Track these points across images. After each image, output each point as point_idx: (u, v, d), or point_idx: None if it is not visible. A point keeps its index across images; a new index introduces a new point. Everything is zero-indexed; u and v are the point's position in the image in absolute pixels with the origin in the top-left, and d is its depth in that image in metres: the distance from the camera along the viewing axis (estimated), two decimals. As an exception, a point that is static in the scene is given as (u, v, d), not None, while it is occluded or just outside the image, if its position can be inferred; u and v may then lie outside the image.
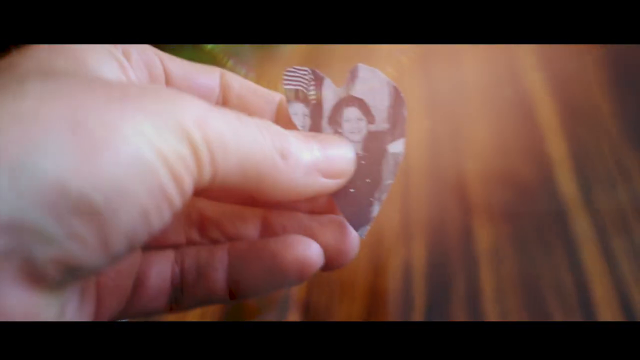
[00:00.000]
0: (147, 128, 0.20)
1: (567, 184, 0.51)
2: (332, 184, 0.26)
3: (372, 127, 0.28)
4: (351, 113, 0.28)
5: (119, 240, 0.20)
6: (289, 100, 0.28)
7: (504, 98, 0.59)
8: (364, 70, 0.28)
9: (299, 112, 0.28)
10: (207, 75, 0.28)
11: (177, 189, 0.21)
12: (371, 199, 0.28)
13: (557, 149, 0.55)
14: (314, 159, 0.25)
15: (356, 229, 0.28)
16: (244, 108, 0.28)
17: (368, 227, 0.28)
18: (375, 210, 0.28)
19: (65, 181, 0.19)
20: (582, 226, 0.47)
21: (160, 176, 0.21)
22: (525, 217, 0.49)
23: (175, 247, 0.29)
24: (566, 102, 0.59)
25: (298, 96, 0.28)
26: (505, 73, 0.62)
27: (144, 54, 0.26)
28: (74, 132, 0.19)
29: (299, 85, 0.28)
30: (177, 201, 0.21)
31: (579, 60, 0.62)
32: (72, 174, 0.19)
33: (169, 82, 0.27)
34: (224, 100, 0.28)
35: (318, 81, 0.28)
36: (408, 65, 0.61)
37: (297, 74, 0.28)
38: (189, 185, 0.22)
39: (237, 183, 0.23)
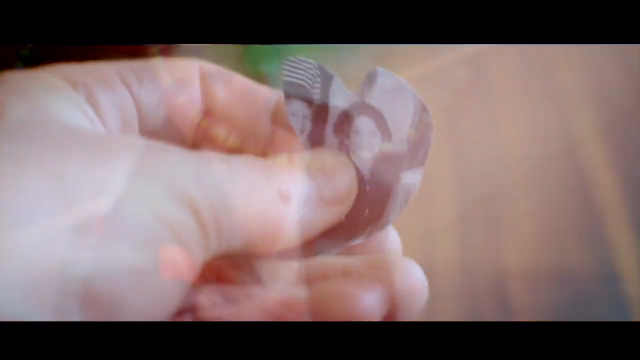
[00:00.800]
0: (141, 190, 0.20)
1: (635, 283, 0.48)
2: (337, 212, 0.25)
3: (387, 146, 0.26)
4: (363, 124, 0.26)
5: None
6: (287, 96, 0.26)
7: (552, 169, 0.56)
8: (385, 76, 0.26)
9: (298, 112, 0.26)
10: (185, 91, 0.26)
11: (188, 262, 0.20)
12: (358, 236, 0.26)
13: (622, 234, 0.51)
14: (315, 190, 0.24)
15: None
16: (231, 117, 0.27)
17: None
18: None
19: (54, 261, 0.18)
20: (655, 336, 0.42)
21: (169, 248, 0.20)
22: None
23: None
24: (632, 174, 0.56)
25: (299, 92, 0.26)
26: (553, 136, 0.60)
27: (113, 93, 0.25)
28: (59, 200, 0.18)
29: (302, 80, 0.26)
30: (189, 276, 0.21)
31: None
32: (63, 253, 0.18)
33: (143, 119, 0.26)
34: (207, 112, 0.27)
35: (326, 79, 0.26)
36: (437, 145, 0.56)
37: (300, 66, 0.26)
38: (198, 256, 0.21)
39: (244, 244, 0.22)
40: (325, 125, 0.26)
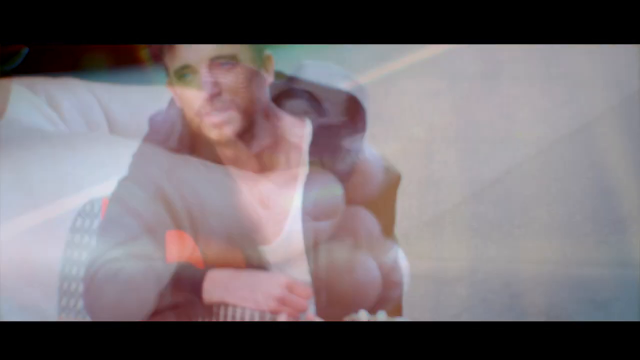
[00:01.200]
0: (113, 183, 0.21)
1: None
2: (326, 225, 0.28)
3: (324, 120, 0.29)
4: (296, 105, 0.30)
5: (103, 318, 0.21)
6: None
7: (561, 152, 0.55)
8: (313, 66, 0.29)
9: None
10: (160, 112, 0.30)
11: (162, 256, 0.24)
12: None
13: (634, 218, 0.50)
14: (300, 204, 0.28)
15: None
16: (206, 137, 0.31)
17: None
18: None
19: (24, 256, 0.24)
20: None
21: (143, 241, 0.23)
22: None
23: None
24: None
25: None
26: (562, 119, 0.60)
27: (78, 100, 0.23)
28: (24, 194, 0.25)
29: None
30: (166, 272, 0.23)
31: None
32: (31, 247, 0.25)
33: (113, 127, 0.23)
34: (185, 129, 0.31)
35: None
36: (443, 128, 0.57)
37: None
38: (174, 250, 0.22)
39: (224, 242, 0.25)
40: (254, 111, 0.33)
